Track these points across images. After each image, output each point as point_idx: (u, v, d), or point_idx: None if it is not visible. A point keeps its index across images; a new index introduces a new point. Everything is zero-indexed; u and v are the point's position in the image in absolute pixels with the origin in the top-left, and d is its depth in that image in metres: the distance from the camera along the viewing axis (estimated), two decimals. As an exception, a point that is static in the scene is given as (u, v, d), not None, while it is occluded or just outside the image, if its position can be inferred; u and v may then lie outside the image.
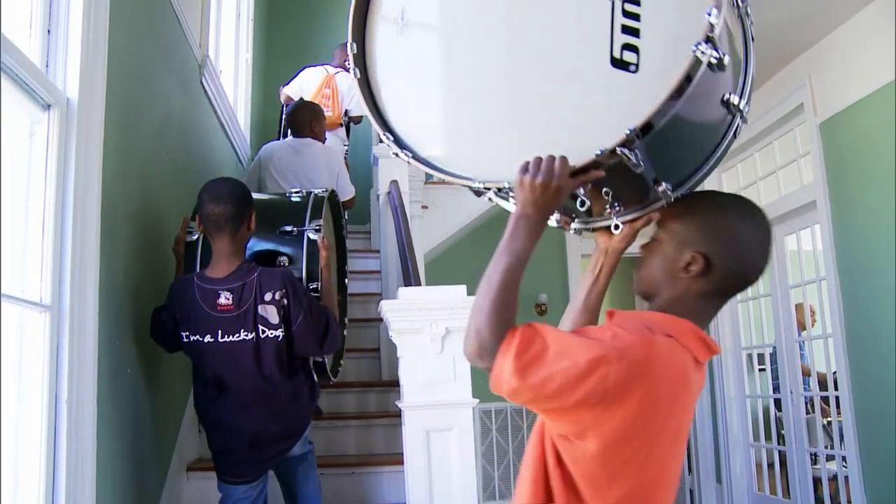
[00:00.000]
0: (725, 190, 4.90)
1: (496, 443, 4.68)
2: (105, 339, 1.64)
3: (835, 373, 3.64)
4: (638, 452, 0.90)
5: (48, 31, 1.50)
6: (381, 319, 2.90)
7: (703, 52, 0.88)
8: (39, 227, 1.44)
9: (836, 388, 3.65)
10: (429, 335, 1.95)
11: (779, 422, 4.46)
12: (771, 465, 4.41)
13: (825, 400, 4.12)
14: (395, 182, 3.12)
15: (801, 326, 4.25)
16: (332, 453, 2.68)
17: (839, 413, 3.68)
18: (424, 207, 4.00)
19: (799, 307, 4.21)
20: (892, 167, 3.16)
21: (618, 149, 0.91)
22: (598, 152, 0.91)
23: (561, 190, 0.94)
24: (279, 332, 1.82)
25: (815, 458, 4.03)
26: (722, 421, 4.71)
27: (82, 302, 1.51)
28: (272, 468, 2.01)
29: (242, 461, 1.88)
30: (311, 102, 3.37)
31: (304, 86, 3.83)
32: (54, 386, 1.42)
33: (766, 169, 4.44)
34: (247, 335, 1.80)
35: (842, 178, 3.55)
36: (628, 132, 0.89)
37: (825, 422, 4.18)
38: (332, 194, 2.38)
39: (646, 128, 0.91)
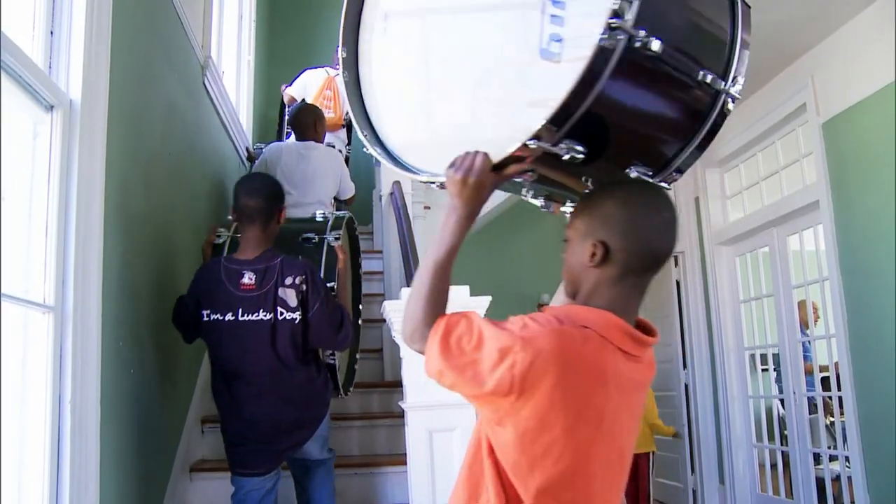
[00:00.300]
0: (728, 191, 4.90)
1: (499, 443, 4.67)
2: (108, 340, 1.64)
3: (836, 363, 3.63)
4: (556, 442, 0.90)
5: (51, 33, 1.50)
6: (383, 320, 2.91)
7: (612, 39, 0.89)
8: (43, 228, 1.44)
9: (839, 389, 3.64)
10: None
11: (782, 422, 4.44)
12: (774, 466, 4.40)
13: (828, 399, 4.11)
14: (397, 183, 3.12)
15: (805, 324, 4.24)
16: (335, 454, 2.67)
17: (842, 413, 3.67)
18: (427, 208, 3.99)
19: (801, 304, 4.20)
20: (894, 167, 3.15)
21: (529, 142, 0.93)
22: (515, 146, 0.95)
23: (481, 185, 0.98)
24: (296, 315, 1.90)
25: (818, 459, 4.02)
26: (725, 421, 4.70)
27: (85, 303, 1.51)
28: (287, 463, 2.05)
29: (255, 452, 1.92)
30: (313, 105, 3.40)
31: (307, 86, 3.85)
32: (58, 387, 1.42)
33: (768, 169, 4.43)
34: (265, 315, 1.89)
35: (844, 179, 3.54)
36: (541, 124, 0.91)
37: (828, 422, 4.17)
38: (351, 220, 2.58)
39: (560, 118, 0.92)
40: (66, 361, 1.44)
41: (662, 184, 1.09)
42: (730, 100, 1.10)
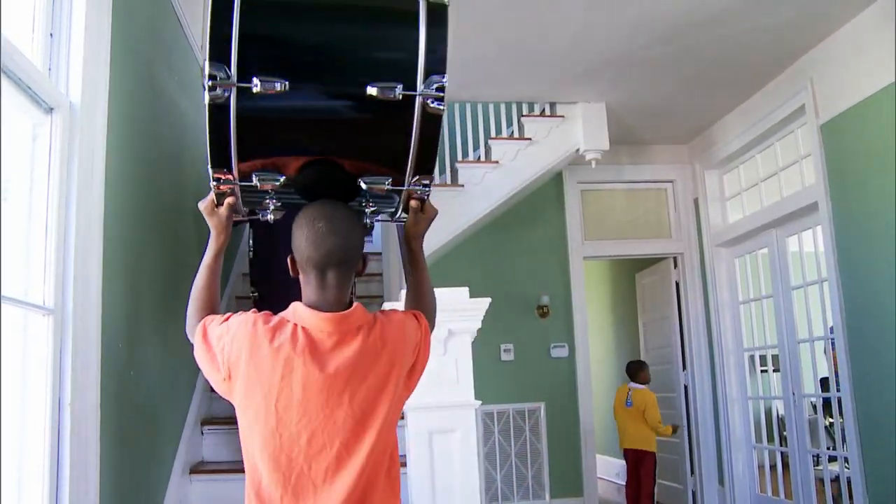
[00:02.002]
0: (727, 192, 4.89)
1: (499, 445, 4.67)
2: (108, 343, 1.64)
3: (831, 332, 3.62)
4: (259, 408, 1.19)
5: (50, 35, 1.50)
6: (383, 322, 2.90)
7: (217, 95, 1.19)
8: (42, 230, 1.44)
9: (837, 390, 3.63)
10: (432, 337, 1.94)
11: (781, 423, 4.44)
12: (773, 467, 4.40)
13: (827, 401, 4.10)
14: (396, 184, 3.11)
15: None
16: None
17: (841, 414, 3.67)
18: (426, 209, 3.99)
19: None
20: (893, 169, 3.14)
21: (212, 182, 1.31)
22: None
23: (208, 214, 1.39)
24: None
25: (817, 460, 4.01)
26: (724, 422, 4.70)
27: (85, 305, 1.51)
28: None
29: None
30: None
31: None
32: (57, 389, 1.41)
33: (767, 170, 4.43)
34: None
35: (843, 180, 3.54)
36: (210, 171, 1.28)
37: (827, 423, 4.17)
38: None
39: (214, 162, 1.28)
40: (65, 364, 1.43)
41: (420, 186, 1.30)
42: (425, 100, 1.20)
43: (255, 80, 1.17)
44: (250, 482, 1.20)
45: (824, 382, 4.33)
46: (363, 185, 1.28)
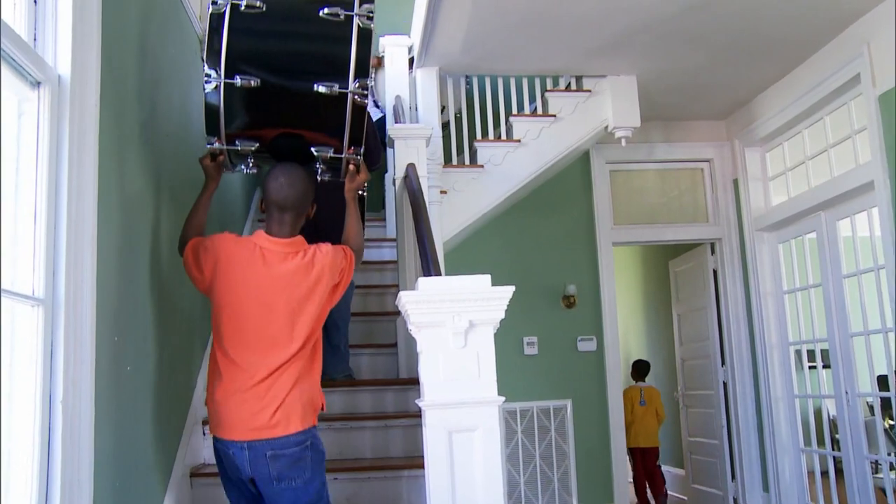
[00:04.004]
0: (770, 172, 4.80)
1: (522, 445, 4.65)
2: (103, 335, 1.63)
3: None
4: (218, 304, 1.93)
5: (35, 1, 1.48)
6: (398, 312, 2.89)
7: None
8: (31, 214, 1.42)
9: (896, 387, 3.54)
10: (451, 329, 1.91)
11: (832, 425, 4.36)
12: (825, 473, 4.31)
13: (886, 401, 4.01)
14: (412, 165, 3.08)
15: None
16: (347, 456, 2.66)
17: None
18: (443, 192, 3.96)
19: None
20: (961, 142, 3.04)
21: (208, 145, 2.07)
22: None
23: (203, 167, 2.13)
24: None
25: (876, 467, 3.92)
26: (768, 423, 4.63)
27: (78, 294, 1.50)
28: None
29: None
30: None
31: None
32: (48, 386, 1.40)
33: (815, 147, 4.33)
34: None
35: (903, 156, 3.43)
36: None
37: (887, 425, 4.07)
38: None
39: (209, 129, 2.04)
40: (57, 358, 1.42)
41: (354, 155, 2.08)
42: (356, 97, 1.96)
43: (237, 77, 1.93)
44: (212, 359, 1.92)
45: (882, 380, 4.22)
46: (314, 152, 2.05)
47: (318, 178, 2.11)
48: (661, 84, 4.43)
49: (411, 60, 4.38)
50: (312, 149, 2.03)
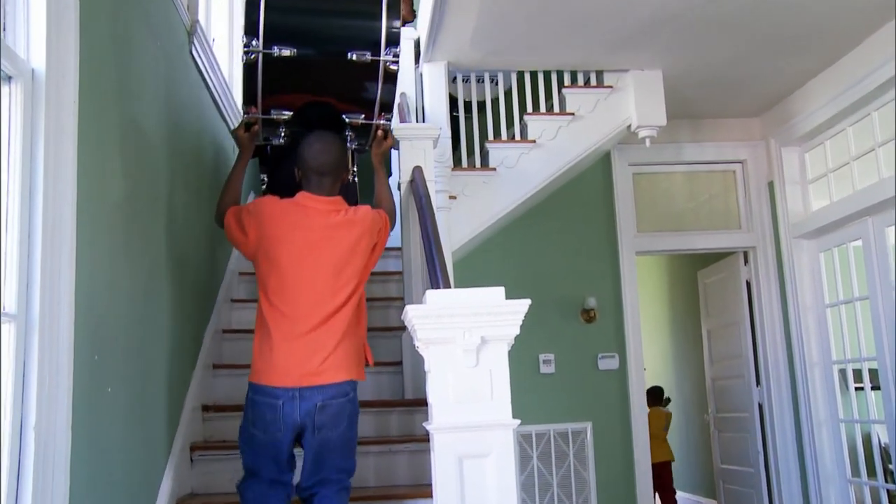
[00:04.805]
0: (809, 174, 4.76)
1: (538, 472, 4.61)
2: (82, 354, 1.62)
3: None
4: (269, 257, 2.16)
5: (7, -11, 1.47)
6: (404, 328, 2.87)
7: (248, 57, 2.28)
8: (2, 221, 1.41)
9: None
10: (461, 346, 1.90)
11: (884, 453, 4.28)
12: (875, 506, 4.24)
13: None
14: (418, 168, 3.06)
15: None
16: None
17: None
18: (452, 198, 3.94)
19: None
20: None
21: (244, 115, 2.42)
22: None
23: (236, 137, 2.47)
24: None
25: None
26: (809, 450, 4.56)
27: (55, 310, 1.49)
28: None
29: None
30: None
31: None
32: (20, 410, 1.39)
33: (862, 146, 4.29)
34: None
35: (957, 156, 3.39)
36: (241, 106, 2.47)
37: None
38: None
39: (245, 100, 2.39)
40: (30, 379, 1.41)
41: (384, 121, 2.47)
42: (388, 64, 2.33)
43: (274, 47, 2.24)
44: (258, 312, 2.14)
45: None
46: (346, 119, 2.40)
47: (350, 147, 2.46)
48: (689, 78, 4.41)
49: (417, 55, 4.38)
50: (344, 116, 2.37)
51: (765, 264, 4.96)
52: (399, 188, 3.25)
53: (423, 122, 4.23)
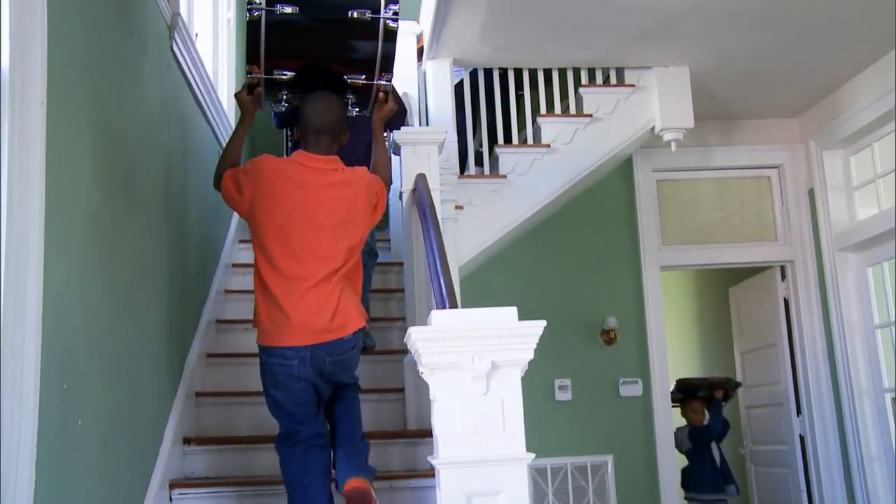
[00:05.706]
0: (855, 180, 4.74)
1: (554, 511, 4.59)
2: (50, 383, 1.60)
3: None
4: (266, 214, 2.37)
5: (-30, -19, 1.48)
6: (406, 351, 2.86)
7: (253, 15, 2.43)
8: (-38, 235, 1.40)
9: None
10: (470, 372, 1.91)
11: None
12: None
13: None
14: (422, 176, 3.07)
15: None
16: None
17: None
18: (459, 207, 3.94)
19: None
20: None
21: (248, 75, 2.57)
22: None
23: (239, 100, 2.63)
24: None
25: None
26: (860, 489, 4.51)
27: (17, 330, 1.47)
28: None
29: None
30: None
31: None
32: (-21, 445, 1.38)
33: (912, 149, 4.26)
34: None
35: None
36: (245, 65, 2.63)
37: None
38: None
39: (248, 58, 2.53)
40: (-9, 411, 1.39)
41: (384, 81, 2.62)
42: (388, 21, 2.49)
43: (277, 6, 2.41)
44: (255, 273, 2.38)
45: None
46: (347, 80, 2.58)
47: (349, 112, 2.63)
48: (718, 75, 4.42)
49: (420, 51, 4.40)
50: (345, 77, 2.56)
51: (804, 280, 4.95)
52: (401, 198, 3.25)
53: (427, 124, 4.25)
